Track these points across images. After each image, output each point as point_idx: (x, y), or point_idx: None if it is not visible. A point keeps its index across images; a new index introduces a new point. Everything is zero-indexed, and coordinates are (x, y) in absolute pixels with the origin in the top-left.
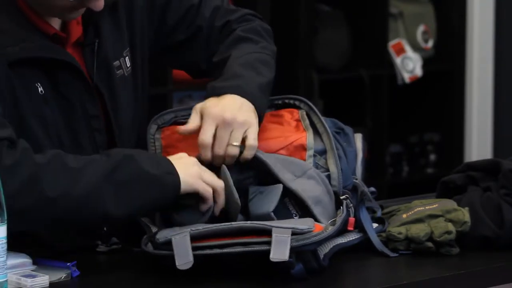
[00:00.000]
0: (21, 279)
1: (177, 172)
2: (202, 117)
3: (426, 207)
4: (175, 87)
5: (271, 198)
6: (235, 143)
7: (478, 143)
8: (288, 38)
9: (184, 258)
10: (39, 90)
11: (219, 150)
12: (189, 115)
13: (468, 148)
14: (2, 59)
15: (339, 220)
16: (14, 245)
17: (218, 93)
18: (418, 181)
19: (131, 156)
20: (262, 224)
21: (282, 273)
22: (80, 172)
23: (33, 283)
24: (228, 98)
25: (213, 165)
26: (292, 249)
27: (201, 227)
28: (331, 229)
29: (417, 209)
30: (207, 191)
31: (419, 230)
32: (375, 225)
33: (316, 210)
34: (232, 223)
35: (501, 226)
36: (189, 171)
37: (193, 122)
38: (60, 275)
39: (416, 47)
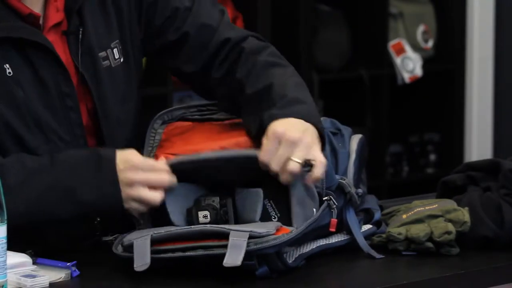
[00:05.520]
0: (21, 279)
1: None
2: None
3: (426, 207)
4: (175, 87)
5: (253, 206)
6: (296, 159)
7: (478, 143)
8: (288, 38)
9: (141, 260)
10: (7, 72)
11: (275, 167)
12: (199, 111)
13: (468, 148)
14: None
15: (306, 223)
16: (14, 245)
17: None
18: (418, 181)
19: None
20: (221, 228)
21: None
22: (19, 188)
23: (33, 283)
24: (294, 120)
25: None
26: (251, 253)
27: (163, 231)
28: (293, 232)
29: (417, 209)
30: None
31: (419, 231)
32: (367, 226)
33: (295, 210)
34: (192, 226)
35: (501, 226)
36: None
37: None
38: (60, 275)
39: (416, 47)
